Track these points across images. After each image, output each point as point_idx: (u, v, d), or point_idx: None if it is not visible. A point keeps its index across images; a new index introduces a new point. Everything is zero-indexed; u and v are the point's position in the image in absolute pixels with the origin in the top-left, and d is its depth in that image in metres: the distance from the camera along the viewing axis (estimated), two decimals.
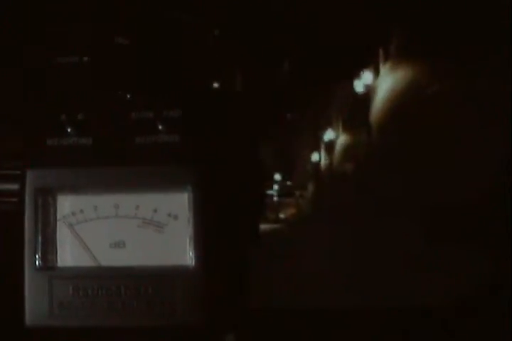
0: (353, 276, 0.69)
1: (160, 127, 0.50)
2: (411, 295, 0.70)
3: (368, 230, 0.71)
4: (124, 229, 0.50)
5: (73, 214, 0.50)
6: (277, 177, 1.59)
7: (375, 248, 0.71)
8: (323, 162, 1.57)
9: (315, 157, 1.71)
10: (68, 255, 0.50)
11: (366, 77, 1.31)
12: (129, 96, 0.51)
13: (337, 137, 1.56)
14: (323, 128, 1.63)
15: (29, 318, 0.50)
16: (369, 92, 1.27)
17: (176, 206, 0.50)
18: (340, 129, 1.53)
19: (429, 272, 0.71)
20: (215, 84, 0.54)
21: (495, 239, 0.72)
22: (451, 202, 0.74)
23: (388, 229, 0.72)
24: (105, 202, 0.50)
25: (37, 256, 0.50)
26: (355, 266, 0.69)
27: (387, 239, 0.72)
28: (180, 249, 0.49)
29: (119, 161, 0.50)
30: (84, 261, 0.50)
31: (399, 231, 0.72)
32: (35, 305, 0.50)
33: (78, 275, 0.50)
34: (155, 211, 0.50)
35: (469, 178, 0.75)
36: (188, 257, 0.49)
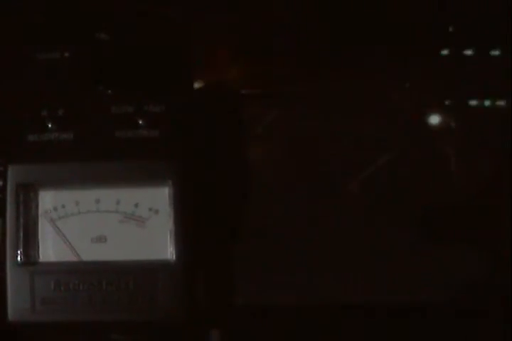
0: (346, 274, 0.68)
1: (140, 122, 0.50)
2: (406, 293, 0.70)
3: (362, 228, 0.71)
4: (105, 224, 0.50)
5: (55, 209, 0.50)
6: None
7: (370, 246, 0.71)
8: None
9: None
10: (50, 250, 0.50)
11: None
12: (109, 91, 0.51)
13: None
14: None
15: (12, 314, 0.50)
16: None
17: (157, 200, 0.50)
18: None
19: (426, 271, 0.71)
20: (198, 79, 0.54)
21: (494, 237, 0.72)
22: (448, 200, 0.74)
23: (384, 227, 0.72)
24: (86, 197, 0.50)
25: (19, 252, 0.50)
26: (349, 264, 0.69)
27: (383, 237, 0.71)
28: (161, 244, 0.49)
29: (99, 156, 0.50)
30: (66, 256, 0.50)
31: (395, 230, 0.71)
32: (17, 300, 0.50)
33: (60, 271, 0.50)
34: (136, 205, 0.50)
35: (467, 177, 0.74)
36: (168, 251, 0.49)
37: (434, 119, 0.77)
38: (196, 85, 0.55)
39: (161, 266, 0.49)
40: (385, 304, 0.68)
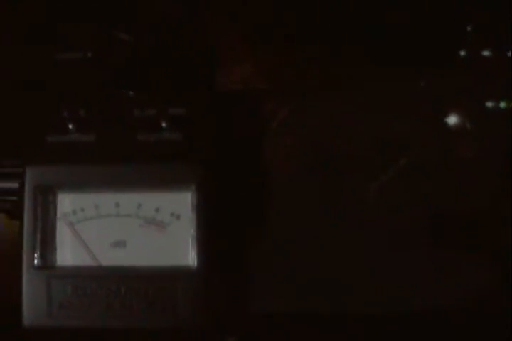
0: (357, 280, 0.68)
1: (163, 125, 0.49)
2: (414, 299, 0.69)
3: (372, 234, 0.70)
4: (125, 229, 0.49)
5: (73, 212, 0.50)
6: None
7: (379, 252, 0.70)
8: None
9: None
10: (68, 254, 0.49)
11: None
12: (132, 93, 0.50)
13: None
14: None
15: (27, 318, 0.49)
16: None
17: (179, 205, 0.49)
18: None
19: (433, 277, 0.70)
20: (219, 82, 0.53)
21: (500, 244, 0.72)
22: (457, 207, 0.73)
23: (393, 233, 0.71)
24: (106, 200, 0.49)
25: (35, 255, 0.49)
26: (359, 270, 0.68)
27: (392, 244, 0.71)
28: (182, 250, 0.49)
29: (121, 159, 0.49)
30: (84, 261, 0.49)
31: (403, 236, 0.71)
32: (33, 305, 0.49)
33: (77, 275, 0.49)
34: (157, 210, 0.49)
35: (475, 184, 0.74)
36: (190, 258, 0.48)
37: (449, 121, 0.77)
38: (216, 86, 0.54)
39: (182, 272, 0.48)
40: (394, 311, 0.67)
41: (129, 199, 0.49)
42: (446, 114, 0.75)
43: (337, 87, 0.69)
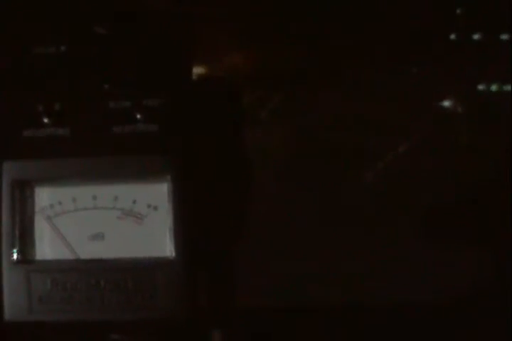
0: (348, 274, 0.67)
1: (138, 116, 0.49)
2: (406, 293, 0.68)
3: (364, 227, 0.70)
4: (103, 221, 0.49)
5: (51, 206, 0.50)
6: None
7: (371, 245, 0.70)
8: None
9: None
10: (46, 248, 0.49)
11: None
12: (106, 85, 0.50)
13: None
14: None
15: (8, 313, 0.49)
16: None
17: (156, 196, 0.49)
18: None
19: (427, 270, 0.69)
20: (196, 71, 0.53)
21: (495, 237, 0.71)
22: (450, 199, 0.73)
23: (385, 226, 0.70)
24: (83, 193, 0.49)
25: (14, 250, 0.49)
26: (350, 264, 0.67)
27: (384, 237, 0.70)
28: (160, 241, 0.49)
29: (97, 151, 0.49)
30: (63, 254, 0.49)
31: (396, 229, 0.70)
32: (13, 299, 0.49)
33: (57, 269, 0.49)
34: (134, 202, 0.49)
35: (469, 176, 0.73)
36: (167, 249, 0.48)
37: (445, 107, 0.76)
38: (195, 74, 0.54)
39: (160, 263, 0.48)
40: (386, 304, 0.67)
41: (106, 192, 0.49)
42: (441, 100, 0.74)
43: (328, 74, 0.69)
